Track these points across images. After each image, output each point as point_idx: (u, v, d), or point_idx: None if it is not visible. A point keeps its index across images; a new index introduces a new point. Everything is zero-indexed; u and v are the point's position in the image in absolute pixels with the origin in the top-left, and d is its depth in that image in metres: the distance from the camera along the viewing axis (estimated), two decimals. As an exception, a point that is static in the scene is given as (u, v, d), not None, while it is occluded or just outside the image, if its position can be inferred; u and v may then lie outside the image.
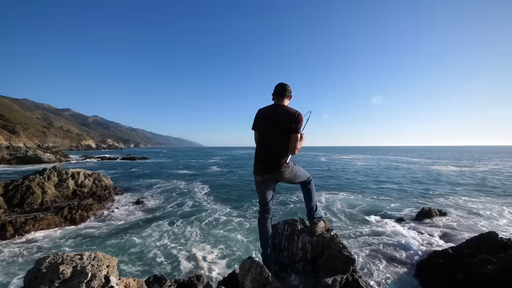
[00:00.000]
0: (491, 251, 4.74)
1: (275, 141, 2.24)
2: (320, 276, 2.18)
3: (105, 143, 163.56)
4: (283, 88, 2.31)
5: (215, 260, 5.99)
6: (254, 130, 2.42)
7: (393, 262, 5.69)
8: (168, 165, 35.63)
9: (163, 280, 3.55)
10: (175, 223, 8.65)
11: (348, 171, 26.57)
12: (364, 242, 6.86)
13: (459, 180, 18.55)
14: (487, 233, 5.52)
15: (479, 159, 44.80)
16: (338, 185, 16.65)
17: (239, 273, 2.36)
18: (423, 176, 21.59)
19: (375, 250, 6.36)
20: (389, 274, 5.20)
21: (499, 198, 12.24)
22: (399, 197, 12.93)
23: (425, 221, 8.04)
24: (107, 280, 1.96)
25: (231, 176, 22.26)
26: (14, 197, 9.87)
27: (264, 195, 2.36)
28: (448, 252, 5.50)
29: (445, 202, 11.64)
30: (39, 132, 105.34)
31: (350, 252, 2.30)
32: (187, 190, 15.24)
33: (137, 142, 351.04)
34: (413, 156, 58.82)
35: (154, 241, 7.04)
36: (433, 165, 33.14)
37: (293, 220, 2.75)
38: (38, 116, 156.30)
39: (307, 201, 2.55)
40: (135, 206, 11.00)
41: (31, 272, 1.87)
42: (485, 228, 7.81)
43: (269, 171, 2.23)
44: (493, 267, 4.26)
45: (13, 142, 68.38)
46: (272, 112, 2.27)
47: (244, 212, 10.09)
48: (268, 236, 2.40)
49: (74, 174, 12.93)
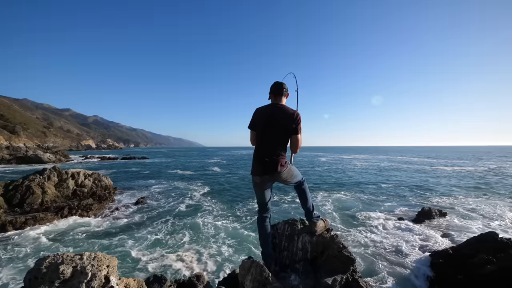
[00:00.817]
0: (491, 251, 4.74)
1: (273, 141, 2.23)
2: (320, 276, 2.18)
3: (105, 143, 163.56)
4: (280, 86, 2.31)
5: (215, 260, 5.99)
6: (250, 130, 2.38)
7: (393, 262, 5.68)
8: (168, 165, 35.63)
9: (163, 280, 3.56)
10: (175, 223, 8.65)
11: (348, 170, 26.56)
12: (364, 242, 6.86)
13: (460, 180, 18.55)
14: (487, 233, 5.52)
15: (480, 159, 44.80)
16: (338, 185, 16.65)
17: (239, 273, 2.36)
18: (423, 176, 21.59)
19: (375, 250, 6.36)
20: (389, 274, 5.20)
21: (499, 198, 12.23)
22: (399, 197, 12.93)
23: (425, 221, 8.04)
24: (107, 280, 1.97)
25: (231, 176, 22.25)
26: (14, 197, 9.87)
27: (262, 195, 2.35)
28: (448, 252, 5.50)
29: (445, 202, 11.64)
30: (39, 132, 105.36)
31: (350, 252, 2.30)
32: (187, 190, 15.24)
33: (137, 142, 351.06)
34: (413, 156, 58.82)
35: (154, 241, 7.04)
36: (434, 165, 33.14)
37: (293, 220, 2.75)
38: (38, 116, 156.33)
39: (304, 202, 2.53)
40: (135, 206, 11.00)
41: (31, 272, 1.87)
42: (485, 228, 7.82)
43: (268, 171, 2.22)
44: (493, 267, 4.26)
45: (13, 142, 68.40)
46: (270, 112, 2.24)
47: (244, 212, 10.09)
48: (267, 235, 2.40)
49: (74, 174, 12.93)
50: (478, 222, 8.50)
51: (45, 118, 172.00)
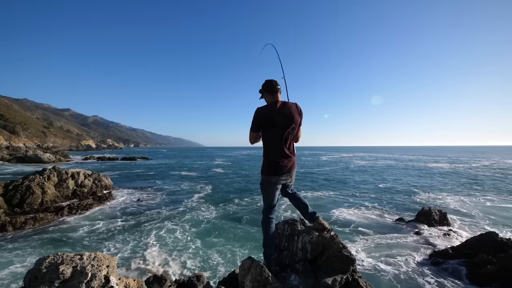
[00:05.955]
0: (491, 251, 4.75)
1: (287, 139, 2.24)
2: (320, 276, 2.18)
3: (105, 143, 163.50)
4: (275, 84, 2.30)
5: (215, 260, 5.99)
6: (252, 131, 2.27)
7: (393, 262, 5.68)
8: (169, 165, 35.63)
9: (163, 280, 3.56)
10: (175, 223, 8.64)
11: (348, 170, 26.57)
12: (364, 242, 6.87)
13: (460, 180, 18.56)
14: (487, 233, 5.53)
15: (480, 159, 44.80)
16: (338, 185, 16.65)
17: (239, 273, 2.36)
18: (423, 176, 21.60)
19: (375, 250, 6.36)
20: (389, 274, 5.19)
21: (500, 198, 12.24)
22: (399, 196, 12.93)
23: (425, 221, 8.03)
24: (107, 280, 1.97)
25: (234, 177, 21.94)
26: (14, 197, 9.87)
27: (274, 196, 2.33)
28: (448, 252, 5.51)
29: (445, 202, 11.64)
30: (39, 132, 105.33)
31: (350, 252, 2.29)
32: (188, 190, 15.25)
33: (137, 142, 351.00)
34: (414, 156, 58.82)
35: (153, 241, 7.04)
36: (434, 165, 33.15)
37: (293, 220, 2.75)
38: (38, 116, 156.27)
39: (302, 203, 2.50)
40: (135, 206, 11.00)
41: (31, 272, 1.87)
42: (485, 228, 7.82)
43: (287, 170, 2.25)
44: (493, 267, 4.27)
45: (13, 142, 68.39)
46: (283, 111, 2.20)
47: (244, 213, 10.08)
48: (272, 236, 2.40)
49: (74, 174, 12.93)
50: (478, 222, 8.51)
51: (45, 118, 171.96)
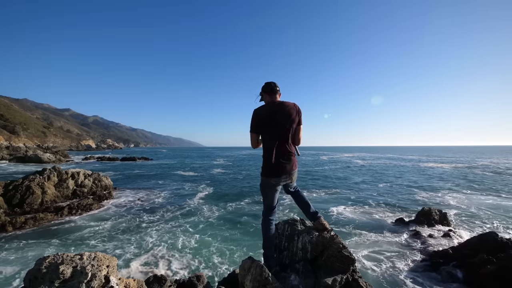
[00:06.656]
0: (491, 251, 4.75)
1: (287, 139, 2.24)
2: (320, 276, 2.18)
3: (105, 143, 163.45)
4: (274, 85, 2.32)
5: (215, 260, 5.99)
6: (252, 133, 2.29)
7: (393, 262, 5.69)
8: (169, 165, 35.62)
9: (163, 280, 3.55)
10: (175, 223, 8.65)
11: (348, 170, 26.56)
12: (364, 242, 6.87)
13: (460, 180, 18.55)
14: (487, 233, 5.53)
15: (481, 159, 44.80)
16: (338, 185, 16.64)
17: (239, 273, 2.36)
18: (423, 176, 21.60)
19: (375, 250, 6.37)
20: (389, 274, 5.20)
21: (500, 198, 12.24)
22: (398, 196, 12.93)
23: (425, 221, 8.03)
24: (107, 280, 1.97)
25: (235, 177, 21.94)
26: (14, 197, 9.86)
27: (274, 198, 2.35)
28: (448, 252, 5.50)
29: (445, 202, 11.64)
30: (39, 132, 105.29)
31: (350, 252, 2.29)
32: (188, 191, 15.24)
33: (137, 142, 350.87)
34: (414, 156, 58.82)
35: (154, 241, 7.04)
36: (434, 165, 33.15)
37: (293, 220, 2.75)
38: (38, 116, 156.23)
39: (304, 202, 2.49)
40: (135, 206, 11.00)
41: (31, 272, 1.87)
42: (485, 228, 7.82)
43: (287, 171, 2.24)
44: (493, 267, 4.26)
45: (13, 142, 68.39)
46: (280, 110, 2.22)
47: (244, 213, 10.08)
48: (272, 238, 2.40)
49: (74, 174, 12.92)
50: (479, 222, 8.51)
51: (45, 118, 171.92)
